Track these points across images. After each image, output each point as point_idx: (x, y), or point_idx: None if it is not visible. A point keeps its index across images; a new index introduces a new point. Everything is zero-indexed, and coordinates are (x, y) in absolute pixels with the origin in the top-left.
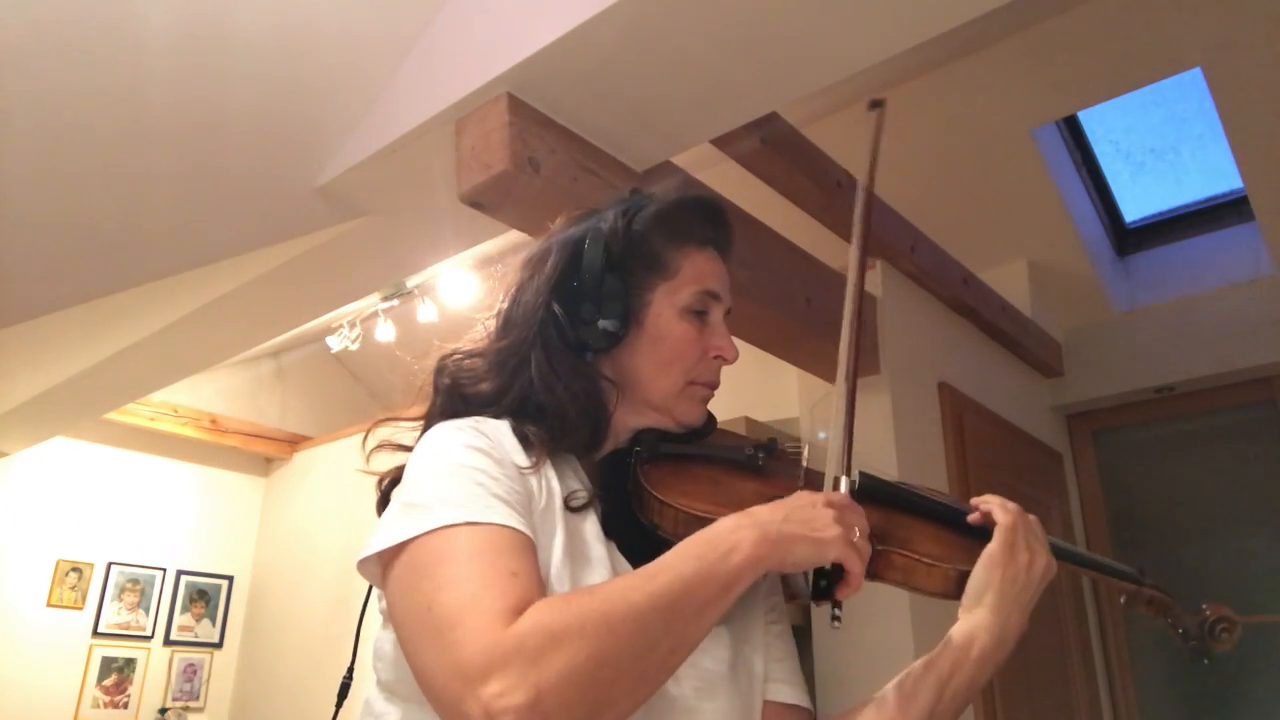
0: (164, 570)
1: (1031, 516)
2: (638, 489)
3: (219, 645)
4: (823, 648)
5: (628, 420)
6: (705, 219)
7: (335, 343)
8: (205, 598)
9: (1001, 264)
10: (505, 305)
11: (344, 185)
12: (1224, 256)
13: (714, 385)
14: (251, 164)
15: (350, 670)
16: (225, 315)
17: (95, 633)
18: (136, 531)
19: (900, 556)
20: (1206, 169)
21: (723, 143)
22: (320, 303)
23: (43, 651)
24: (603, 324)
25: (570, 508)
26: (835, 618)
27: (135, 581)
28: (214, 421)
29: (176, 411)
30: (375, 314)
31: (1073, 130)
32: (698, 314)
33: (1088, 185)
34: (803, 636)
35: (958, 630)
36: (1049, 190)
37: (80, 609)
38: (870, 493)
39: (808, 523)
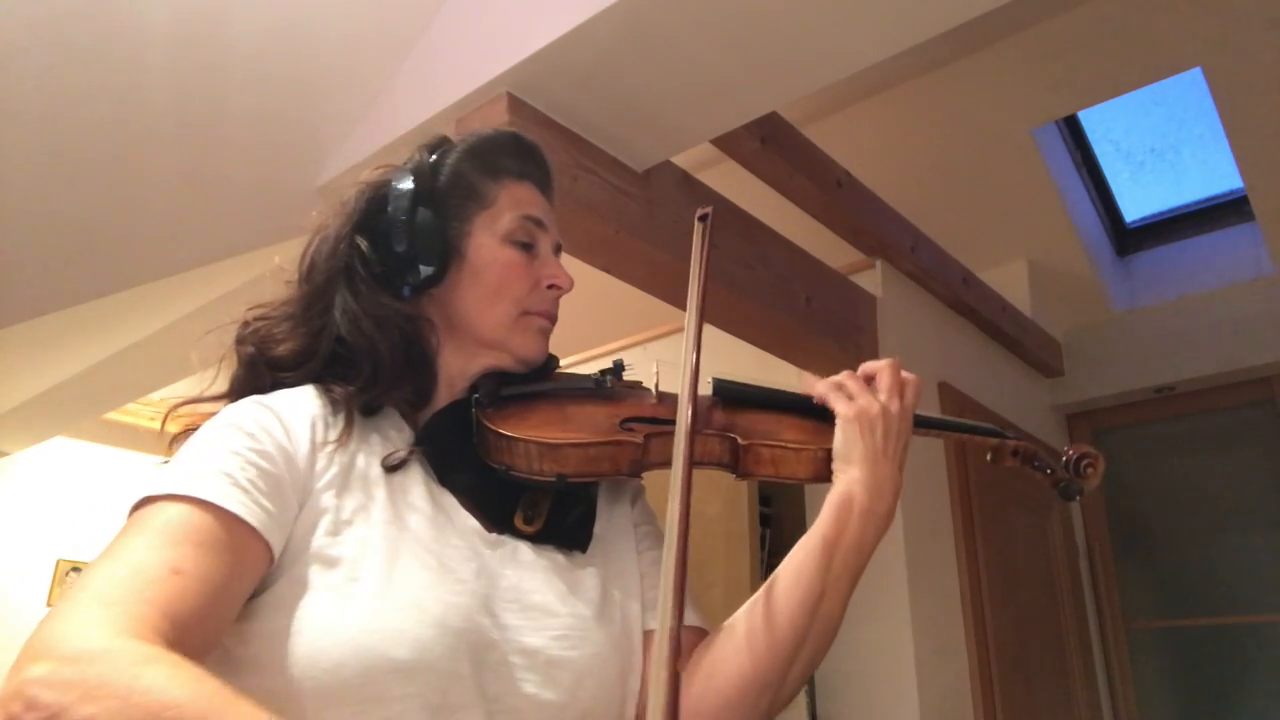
0: None
1: (905, 374)
2: (481, 433)
3: None
4: None
5: (462, 365)
6: (516, 152)
7: None
8: None
9: (1001, 264)
10: (309, 252)
11: (344, 185)
12: (1224, 256)
13: (552, 316)
14: (252, 164)
15: None
16: (225, 315)
17: None
18: None
19: (767, 448)
20: (1206, 169)
21: (723, 143)
22: None
23: None
24: (420, 263)
25: (386, 468)
26: None
27: None
28: None
29: None
30: None
31: (1073, 130)
32: (524, 245)
33: (1088, 185)
34: None
35: (833, 492)
36: (1049, 190)
37: None
38: (727, 395)
39: None
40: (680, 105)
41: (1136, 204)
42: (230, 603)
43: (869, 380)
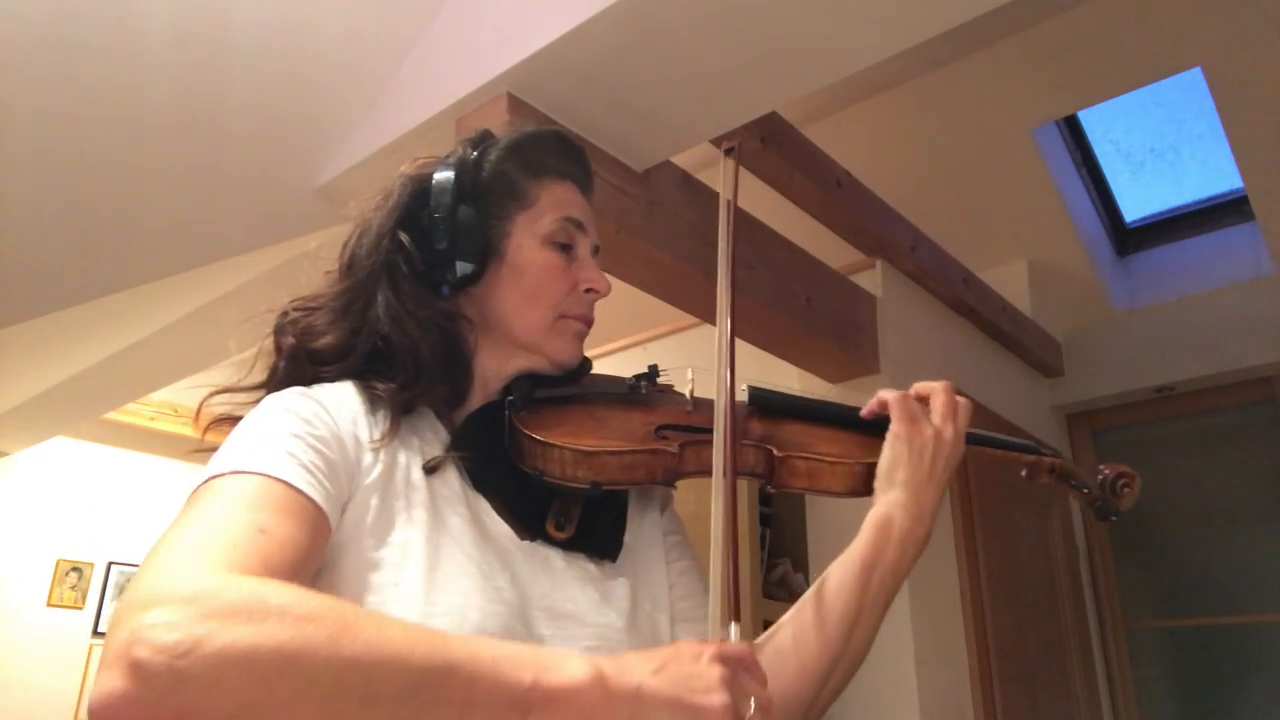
0: None
1: (958, 398)
2: (515, 437)
3: None
4: None
5: (497, 366)
6: (559, 151)
7: None
8: None
9: (1001, 264)
10: (350, 244)
11: (344, 185)
12: (1224, 256)
13: (588, 320)
14: (251, 163)
15: None
16: (225, 315)
17: (95, 633)
18: (136, 531)
19: (803, 460)
20: (1206, 169)
21: (723, 143)
22: None
23: (43, 651)
24: (459, 261)
25: (426, 471)
26: None
27: None
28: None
29: (176, 411)
30: None
31: (1073, 130)
32: (563, 247)
33: (1088, 185)
34: None
35: (874, 513)
36: (1049, 190)
37: (80, 609)
38: (763, 404)
39: (685, 681)
40: (680, 105)
41: (1136, 204)
42: (309, 571)
43: (921, 401)
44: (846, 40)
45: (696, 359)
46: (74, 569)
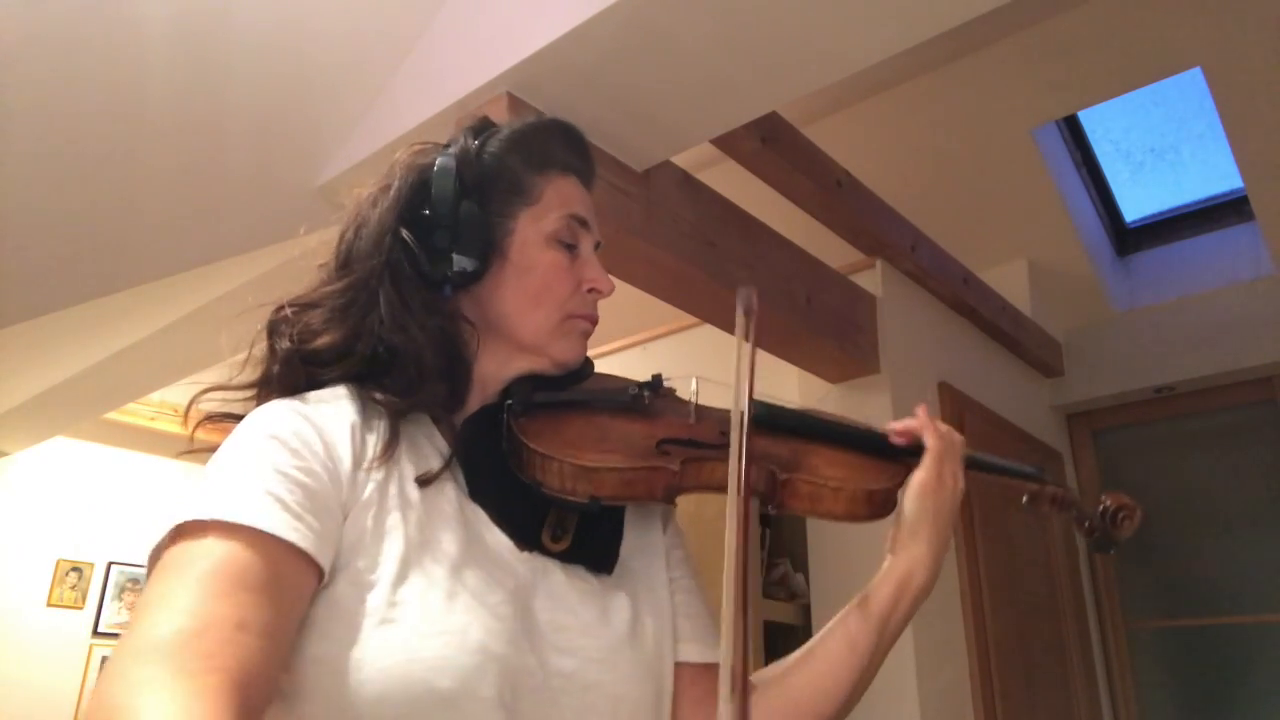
0: None
1: (957, 437)
2: (514, 445)
3: None
4: None
5: (497, 369)
6: (565, 143)
7: None
8: None
9: (1001, 264)
10: (346, 238)
11: (344, 185)
12: (1224, 256)
13: (593, 319)
14: (251, 163)
15: None
16: (225, 315)
17: (95, 633)
18: (136, 531)
19: (805, 484)
20: (1206, 169)
21: (723, 143)
22: None
23: (43, 651)
24: (459, 257)
25: (420, 484)
26: None
27: (135, 581)
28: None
29: (176, 411)
30: None
31: (1073, 130)
32: (567, 246)
33: (1088, 185)
34: (802, 637)
35: (896, 570)
36: (1049, 190)
37: (80, 609)
38: (773, 421)
39: None
40: (680, 105)
41: (1136, 204)
42: (289, 645)
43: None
44: (846, 40)
45: (697, 359)
46: (74, 569)
